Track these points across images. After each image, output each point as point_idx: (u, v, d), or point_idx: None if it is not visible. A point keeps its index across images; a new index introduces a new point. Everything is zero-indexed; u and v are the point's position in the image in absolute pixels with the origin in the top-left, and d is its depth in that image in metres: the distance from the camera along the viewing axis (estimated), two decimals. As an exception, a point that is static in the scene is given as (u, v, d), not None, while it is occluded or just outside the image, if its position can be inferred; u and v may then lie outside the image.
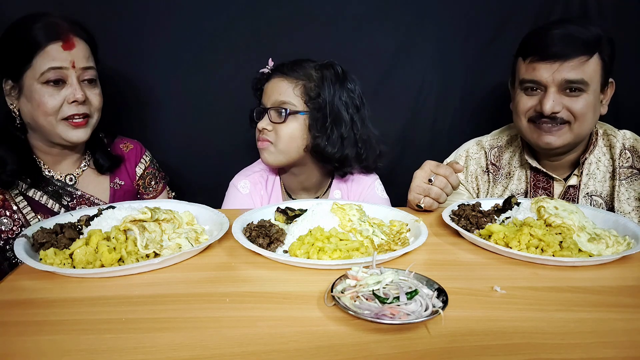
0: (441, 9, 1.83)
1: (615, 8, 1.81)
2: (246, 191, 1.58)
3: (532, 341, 0.71)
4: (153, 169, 1.64)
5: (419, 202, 1.31)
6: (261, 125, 1.48)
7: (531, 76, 1.40)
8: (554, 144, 1.42)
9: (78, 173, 1.48)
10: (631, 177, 1.47)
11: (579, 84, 1.35)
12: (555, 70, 1.35)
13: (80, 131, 1.37)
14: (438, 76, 1.90)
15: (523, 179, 1.60)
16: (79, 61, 1.32)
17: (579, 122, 1.39)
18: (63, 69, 1.30)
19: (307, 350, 0.68)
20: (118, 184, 1.55)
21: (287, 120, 1.46)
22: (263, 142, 1.49)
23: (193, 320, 0.76)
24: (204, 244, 1.02)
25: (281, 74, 1.49)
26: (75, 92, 1.31)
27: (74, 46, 1.31)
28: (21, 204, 1.36)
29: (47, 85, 1.30)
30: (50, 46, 1.28)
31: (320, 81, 1.46)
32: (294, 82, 1.47)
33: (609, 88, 1.45)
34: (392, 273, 0.84)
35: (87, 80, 1.36)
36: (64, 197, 1.43)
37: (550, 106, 1.37)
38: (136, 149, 1.62)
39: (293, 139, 1.48)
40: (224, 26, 1.76)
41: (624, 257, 1.01)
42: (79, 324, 0.75)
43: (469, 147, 1.70)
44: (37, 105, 1.30)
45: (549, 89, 1.38)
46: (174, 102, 1.83)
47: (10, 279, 0.90)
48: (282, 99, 1.46)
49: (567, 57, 1.34)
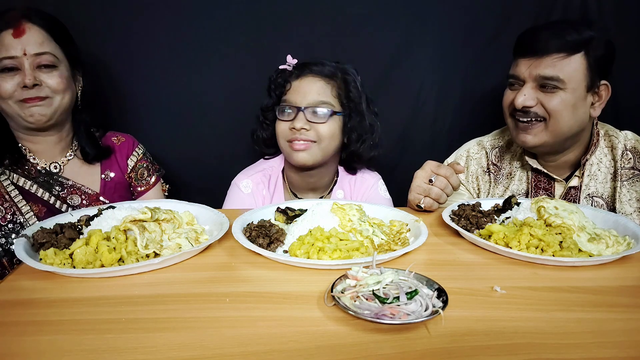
0: (441, 9, 1.83)
1: (615, 8, 1.81)
2: (248, 190, 1.58)
3: (532, 341, 0.71)
4: (146, 161, 1.65)
5: (419, 202, 1.31)
6: (299, 125, 1.45)
7: (512, 71, 1.45)
8: (529, 142, 1.43)
9: (63, 162, 1.50)
10: (633, 178, 1.47)
11: (554, 81, 1.36)
12: (531, 65, 1.38)
13: (37, 108, 1.38)
14: (438, 76, 1.91)
15: (524, 180, 1.60)
16: (30, 47, 1.34)
17: (553, 119, 1.39)
18: (15, 58, 1.33)
19: (307, 350, 0.68)
20: (109, 176, 1.56)
21: (328, 120, 1.47)
22: (300, 143, 1.47)
23: (193, 320, 0.76)
24: (204, 244, 1.02)
25: (315, 74, 1.49)
26: (25, 78, 1.33)
27: (24, 32, 1.33)
28: (12, 192, 1.39)
29: (2, 72, 1.34)
30: (2, 34, 1.32)
31: (347, 83, 1.50)
32: (330, 83, 1.49)
33: (603, 91, 1.42)
34: (392, 273, 0.84)
35: (44, 65, 1.37)
36: (54, 186, 1.45)
37: (521, 100, 1.39)
38: (128, 142, 1.63)
39: (333, 138, 1.50)
40: (224, 25, 1.76)
41: (624, 257, 1.01)
42: (79, 324, 0.75)
43: (469, 147, 1.70)
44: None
45: (526, 84, 1.40)
46: (174, 102, 1.83)
47: (10, 279, 0.90)
48: (322, 99, 1.47)
49: (544, 53, 1.36)
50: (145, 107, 1.83)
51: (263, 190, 1.60)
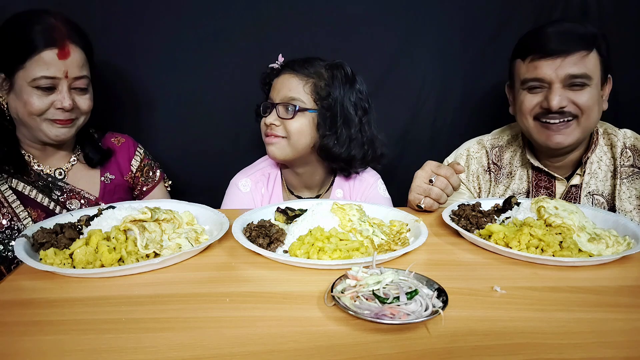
0: (441, 9, 1.83)
1: (615, 8, 1.81)
2: (247, 190, 1.58)
3: (532, 341, 0.71)
4: (148, 159, 1.66)
5: (419, 202, 1.31)
6: (269, 120, 1.48)
7: (534, 74, 1.40)
8: (564, 142, 1.42)
9: (67, 167, 1.49)
10: (632, 176, 1.47)
11: (583, 78, 1.36)
12: (558, 66, 1.36)
13: (63, 130, 1.38)
14: (438, 76, 1.91)
15: (525, 179, 1.60)
16: (72, 70, 1.33)
17: (586, 115, 1.39)
18: (55, 78, 1.31)
19: (307, 350, 0.68)
20: (109, 178, 1.55)
21: (296, 116, 1.46)
22: (271, 137, 1.50)
23: (193, 320, 0.76)
24: (204, 244, 1.02)
25: (292, 71, 1.49)
26: (63, 101, 1.32)
27: (68, 55, 1.31)
28: (10, 198, 1.37)
29: (37, 89, 1.30)
30: (45, 52, 1.28)
31: (331, 80, 1.47)
32: (304, 80, 1.47)
33: (607, 84, 1.46)
34: (392, 273, 0.84)
35: (79, 88, 1.37)
36: (54, 191, 1.44)
37: (557, 101, 1.37)
38: (128, 143, 1.62)
39: (302, 134, 1.48)
40: (224, 25, 1.76)
41: (624, 257, 1.01)
42: (79, 324, 0.75)
43: (469, 146, 1.70)
44: (24, 104, 1.31)
45: (554, 85, 1.38)
46: (174, 102, 1.83)
47: (10, 279, 0.90)
48: (291, 95, 1.46)
49: (568, 52, 1.35)
50: (145, 108, 1.83)
51: (262, 188, 1.60)
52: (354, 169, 1.59)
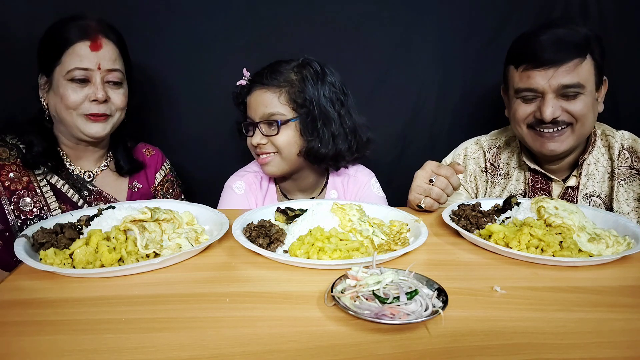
0: (441, 9, 1.83)
1: (615, 8, 1.81)
2: (241, 192, 1.57)
3: (532, 341, 0.71)
4: (172, 176, 1.68)
5: (419, 202, 1.31)
6: (255, 141, 1.47)
7: (527, 84, 1.39)
8: (558, 150, 1.42)
9: (97, 172, 1.51)
10: (630, 178, 1.47)
11: (576, 88, 1.35)
12: (550, 76, 1.35)
13: (98, 125, 1.39)
14: (438, 76, 1.91)
15: (521, 180, 1.60)
16: (104, 63, 1.35)
17: (580, 123, 1.39)
18: (88, 70, 1.34)
19: (307, 350, 0.68)
20: (136, 187, 1.58)
21: (280, 130, 1.44)
22: (263, 157, 1.49)
23: (193, 320, 0.76)
24: (204, 244, 1.02)
25: (262, 85, 1.46)
26: (97, 92, 1.35)
27: (101, 47, 1.35)
28: (44, 188, 1.40)
29: (72, 82, 1.34)
30: (78, 45, 1.33)
31: (302, 84, 1.44)
32: (277, 92, 1.44)
33: (603, 86, 1.45)
34: (392, 273, 0.84)
35: (112, 81, 1.39)
36: (82, 190, 1.46)
37: (550, 112, 1.36)
38: (157, 156, 1.66)
39: (291, 145, 1.47)
40: (223, 26, 1.76)
41: (624, 257, 1.01)
42: (79, 324, 0.75)
43: (467, 146, 1.70)
44: (60, 99, 1.35)
45: (547, 95, 1.37)
46: (174, 103, 1.83)
47: (10, 279, 0.90)
48: (269, 111, 1.44)
49: (561, 62, 1.34)
50: (145, 108, 1.82)
51: (256, 191, 1.59)
52: (343, 163, 1.57)
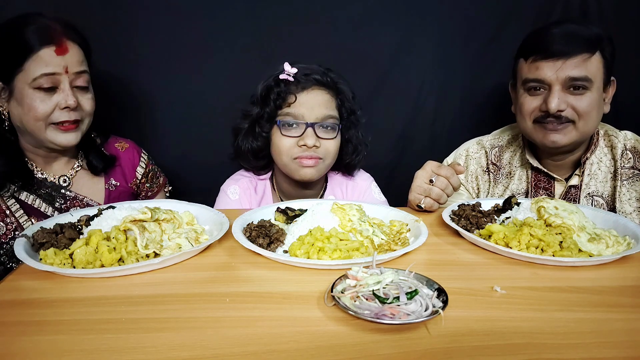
0: (441, 9, 1.83)
1: (615, 8, 1.81)
2: (235, 197, 1.54)
3: (532, 341, 0.71)
4: (152, 164, 1.64)
5: (419, 202, 1.31)
6: (310, 142, 1.38)
7: (534, 75, 1.40)
8: (560, 142, 1.42)
9: (72, 174, 1.45)
10: (632, 178, 1.47)
11: (583, 82, 1.36)
12: (558, 68, 1.35)
13: (69, 135, 1.34)
14: (438, 76, 1.91)
15: (524, 179, 1.60)
16: (72, 66, 1.29)
17: (583, 120, 1.39)
18: (56, 75, 1.27)
19: (307, 350, 0.68)
20: (113, 185, 1.52)
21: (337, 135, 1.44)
22: (316, 160, 1.41)
23: (193, 320, 0.76)
24: (204, 244, 1.02)
25: (320, 85, 1.41)
26: (67, 99, 1.28)
27: (67, 51, 1.28)
28: (13, 207, 1.35)
29: (39, 91, 1.27)
30: (43, 50, 1.25)
31: (343, 93, 1.45)
32: (334, 96, 1.43)
33: (611, 87, 1.45)
34: (392, 273, 0.84)
35: (80, 86, 1.33)
36: (57, 199, 1.40)
37: (555, 104, 1.36)
38: (132, 149, 1.59)
39: (336, 152, 1.46)
40: (223, 26, 1.76)
41: (624, 257, 1.01)
42: (79, 324, 0.75)
43: (469, 146, 1.69)
44: (27, 110, 1.27)
45: (553, 87, 1.37)
46: (173, 103, 1.83)
47: (10, 279, 0.90)
48: (330, 113, 1.41)
49: (570, 54, 1.34)
50: (144, 109, 1.83)
51: (250, 195, 1.56)
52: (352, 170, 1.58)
